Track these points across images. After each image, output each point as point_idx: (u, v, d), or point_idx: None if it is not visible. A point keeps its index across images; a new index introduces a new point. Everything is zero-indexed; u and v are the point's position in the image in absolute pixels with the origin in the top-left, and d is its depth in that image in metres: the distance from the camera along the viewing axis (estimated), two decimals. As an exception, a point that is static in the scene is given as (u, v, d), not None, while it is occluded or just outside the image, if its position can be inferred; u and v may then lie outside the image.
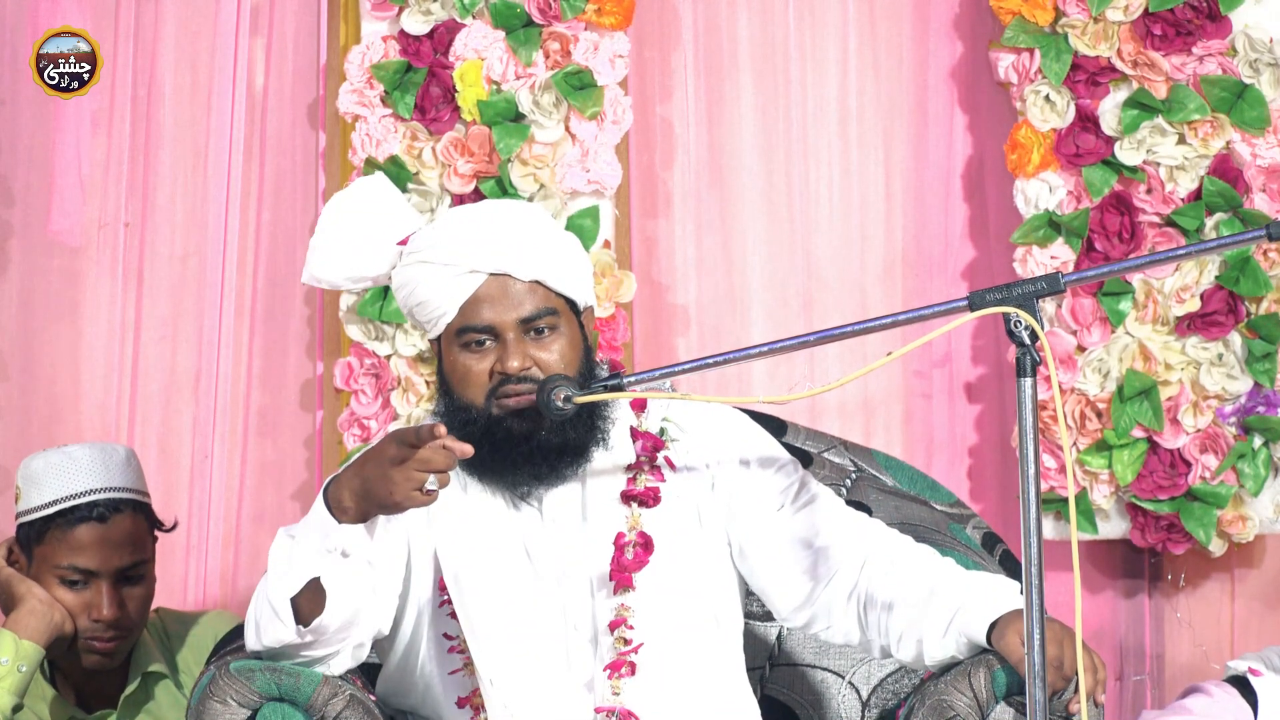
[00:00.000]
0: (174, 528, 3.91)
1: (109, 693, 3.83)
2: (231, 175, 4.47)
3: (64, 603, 3.73)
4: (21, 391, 4.46)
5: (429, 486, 2.89)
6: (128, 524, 3.76)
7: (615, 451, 3.19)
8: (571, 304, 3.16)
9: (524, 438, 3.10)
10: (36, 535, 3.75)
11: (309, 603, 2.99)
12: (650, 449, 3.21)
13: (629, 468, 3.20)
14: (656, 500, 3.18)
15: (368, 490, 2.92)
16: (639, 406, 3.24)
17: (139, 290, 4.46)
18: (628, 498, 3.18)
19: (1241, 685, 3.82)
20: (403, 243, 3.17)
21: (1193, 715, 3.76)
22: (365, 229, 3.17)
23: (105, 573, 3.73)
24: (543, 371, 3.09)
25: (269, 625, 3.01)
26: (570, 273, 3.15)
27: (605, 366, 3.23)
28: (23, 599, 3.71)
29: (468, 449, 2.89)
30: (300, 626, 2.99)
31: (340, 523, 2.95)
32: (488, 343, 3.11)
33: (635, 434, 3.22)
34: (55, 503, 3.74)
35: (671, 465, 3.21)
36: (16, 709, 3.70)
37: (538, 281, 3.12)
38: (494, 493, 3.17)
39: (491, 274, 3.11)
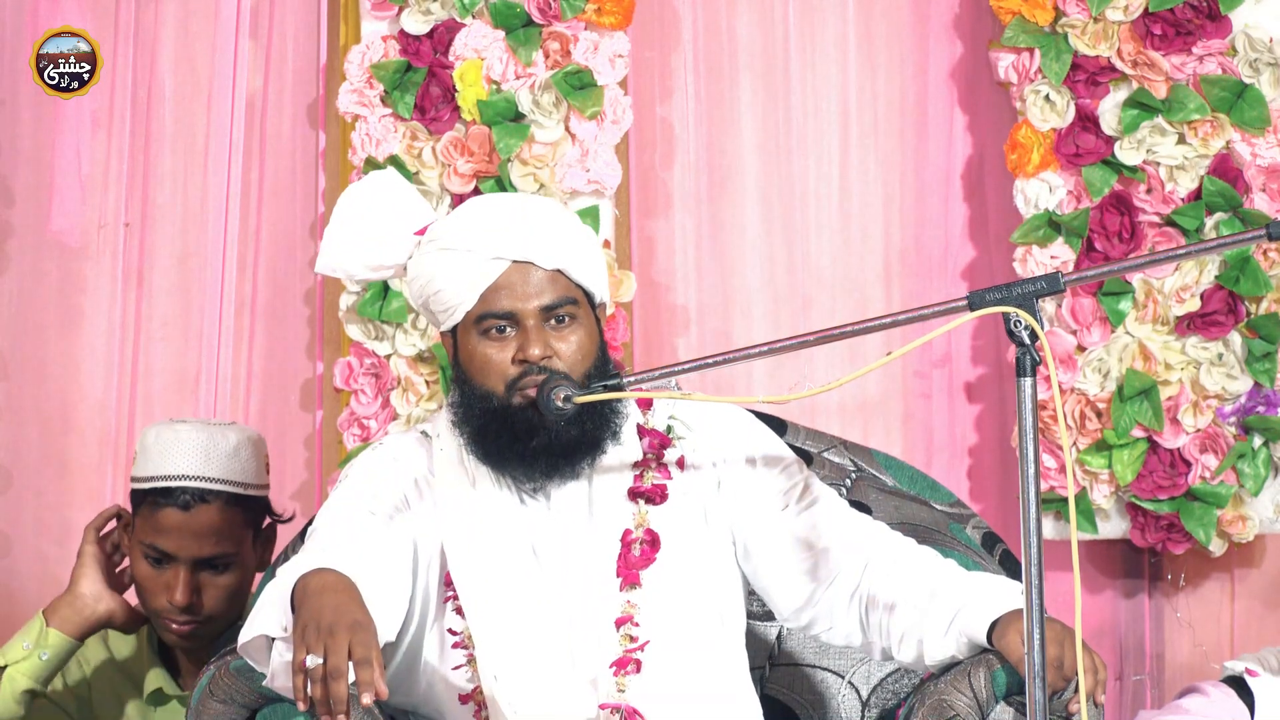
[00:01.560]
0: (291, 519, 3.90)
1: None
2: (231, 175, 4.47)
3: (144, 578, 3.74)
4: (21, 391, 4.46)
5: (307, 661, 2.79)
6: (214, 515, 3.73)
7: (622, 449, 3.19)
8: (588, 297, 3.17)
9: (543, 428, 3.09)
10: (135, 506, 3.78)
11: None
12: (657, 446, 3.21)
13: (636, 465, 3.20)
14: (664, 498, 3.18)
15: (299, 614, 2.87)
16: (645, 404, 3.24)
17: (139, 290, 4.47)
18: (635, 495, 3.18)
19: (1239, 686, 3.82)
20: (419, 232, 3.17)
21: (1189, 715, 3.76)
22: (382, 218, 3.17)
23: (183, 559, 3.72)
24: (561, 361, 3.09)
25: (247, 659, 3.01)
26: (590, 264, 3.15)
27: (611, 364, 3.23)
28: (69, 587, 3.74)
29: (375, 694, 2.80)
30: (268, 677, 2.98)
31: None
32: (508, 330, 3.11)
33: (642, 431, 3.22)
34: (150, 479, 3.74)
35: (678, 463, 3.21)
36: (35, 695, 3.72)
37: (559, 271, 3.12)
38: (501, 488, 3.17)
39: (514, 261, 3.11)
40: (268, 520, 3.85)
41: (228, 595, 3.77)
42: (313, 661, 2.77)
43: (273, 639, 2.92)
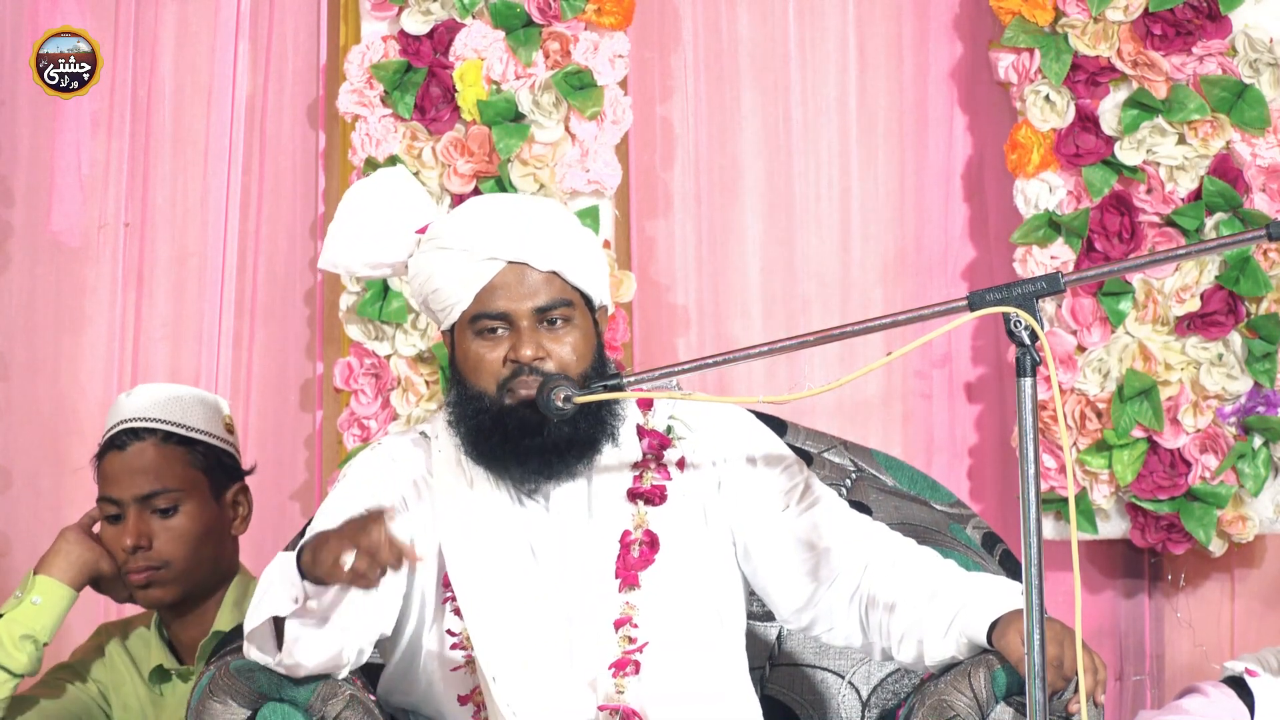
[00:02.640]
0: (252, 470, 3.92)
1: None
2: (231, 175, 4.47)
3: (108, 542, 3.78)
4: (22, 391, 4.46)
5: (344, 560, 2.81)
6: (149, 451, 3.76)
7: (622, 449, 3.19)
8: (587, 300, 3.16)
9: (535, 428, 3.09)
10: (95, 480, 3.83)
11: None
12: (657, 447, 3.21)
13: (635, 465, 3.19)
14: (663, 499, 3.18)
15: (314, 554, 2.89)
16: (645, 404, 3.23)
17: (139, 290, 4.47)
18: (634, 496, 3.18)
19: (1238, 686, 3.82)
20: (421, 230, 3.17)
21: (1189, 715, 3.76)
22: (385, 215, 3.18)
23: (127, 501, 3.76)
24: (555, 362, 3.09)
25: (252, 649, 3.01)
26: (587, 267, 3.15)
27: (611, 365, 3.23)
28: (53, 544, 3.78)
29: (413, 556, 2.85)
30: (280, 655, 2.98)
31: (303, 577, 2.93)
32: (500, 331, 3.11)
33: (642, 432, 3.22)
34: (99, 444, 3.81)
35: (678, 464, 3.21)
36: (39, 644, 3.75)
37: (555, 272, 3.12)
38: (500, 489, 3.17)
39: (509, 262, 3.11)
40: (236, 487, 3.87)
41: (180, 539, 3.78)
42: (349, 560, 2.78)
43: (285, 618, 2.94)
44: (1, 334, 4.46)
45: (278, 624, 2.98)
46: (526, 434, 3.09)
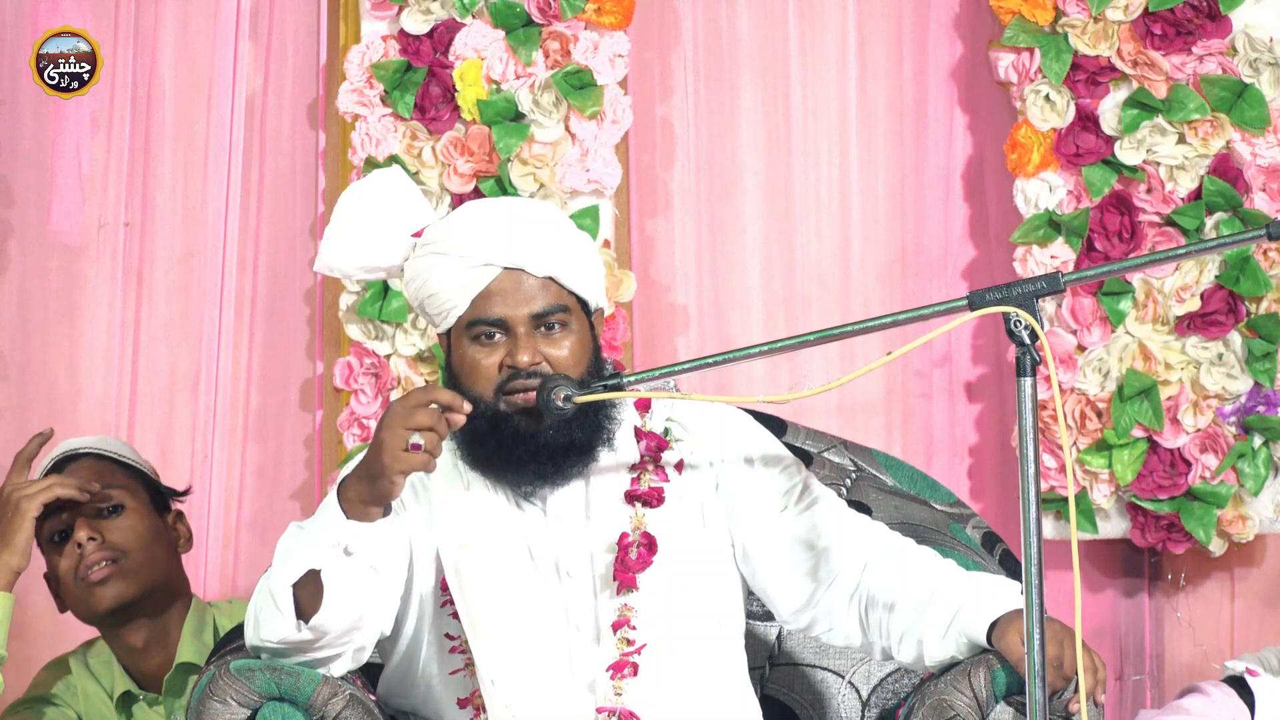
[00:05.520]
0: (187, 492, 3.97)
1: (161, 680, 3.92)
2: (231, 175, 4.47)
3: (56, 564, 3.80)
4: (21, 391, 4.46)
5: (413, 440, 2.88)
6: (89, 463, 3.83)
7: (619, 451, 3.19)
8: (583, 304, 3.16)
9: (530, 435, 3.09)
10: (41, 531, 3.82)
11: (310, 600, 2.98)
12: (654, 449, 3.21)
13: (633, 467, 3.20)
14: (660, 500, 3.18)
15: (367, 466, 2.93)
16: (643, 406, 3.23)
17: (139, 290, 4.47)
18: (631, 498, 3.18)
19: (1239, 685, 3.82)
20: (417, 234, 3.17)
21: (1190, 715, 3.77)
22: (380, 218, 3.18)
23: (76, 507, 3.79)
24: (553, 368, 3.09)
25: (268, 618, 3.01)
26: (583, 272, 3.15)
27: (610, 366, 3.23)
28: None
29: (463, 414, 2.90)
30: (300, 622, 2.99)
31: (348, 517, 2.95)
32: (498, 337, 3.11)
33: (639, 434, 3.22)
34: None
35: (677, 466, 3.21)
36: None
37: (551, 278, 3.12)
38: (497, 491, 3.17)
39: (506, 268, 3.11)
40: (173, 512, 3.92)
41: (131, 532, 3.81)
42: (416, 438, 2.88)
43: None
44: (1, 334, 4.46)
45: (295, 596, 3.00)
46: (522, 441, 3.09)
